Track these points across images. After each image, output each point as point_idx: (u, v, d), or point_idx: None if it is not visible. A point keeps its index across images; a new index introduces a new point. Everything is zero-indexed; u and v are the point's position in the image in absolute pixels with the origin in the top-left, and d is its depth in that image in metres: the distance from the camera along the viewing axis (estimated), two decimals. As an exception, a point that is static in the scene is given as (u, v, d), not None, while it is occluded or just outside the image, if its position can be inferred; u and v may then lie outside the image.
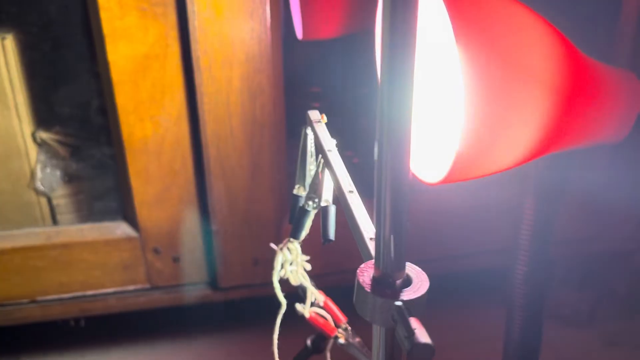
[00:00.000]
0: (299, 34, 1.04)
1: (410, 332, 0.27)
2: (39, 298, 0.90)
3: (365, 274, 0.32)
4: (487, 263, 0.99)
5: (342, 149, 0.78)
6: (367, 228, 0.36)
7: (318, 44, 1.03)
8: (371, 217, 0.40)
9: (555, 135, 0.52)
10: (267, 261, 0.93)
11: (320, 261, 0.61)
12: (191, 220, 0.89)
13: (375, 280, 0.31)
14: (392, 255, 0.30)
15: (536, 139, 0.51)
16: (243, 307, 0.97)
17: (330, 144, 0.48)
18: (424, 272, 0.32)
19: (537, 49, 0.48)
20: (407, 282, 0.31)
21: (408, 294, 0.30)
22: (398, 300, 0.29)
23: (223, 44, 0.78)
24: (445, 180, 0.50)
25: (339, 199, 0.42)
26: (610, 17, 0.88)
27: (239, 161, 0.85)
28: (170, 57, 0.79)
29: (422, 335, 0.27)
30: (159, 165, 0.85)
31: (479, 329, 1.01)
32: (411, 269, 0.32)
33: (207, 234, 0.91)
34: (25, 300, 0.90)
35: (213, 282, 0.94)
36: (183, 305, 0.94)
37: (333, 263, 0.88)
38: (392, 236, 0.30)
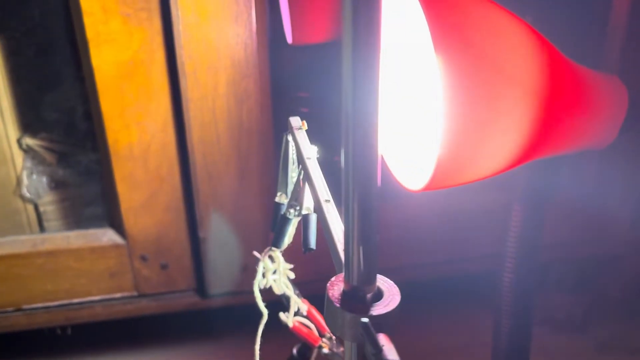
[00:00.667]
0: (289, 38, 1.03)
1: (378, 349, 0.26)
2: (25, 306, 0.89)
3: (335, 287, 0.31)
4: (474, 269, 0.98)
5: (330, 154, 0.77)
6: (341, 239, 0.35)
7: (307, 48, 1.02)
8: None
9: (540, 141, 0.51)
10: (256, 268, 0.92)
11: (306, 269, 0.60)
12: (178, 227, 0.88)
13: (344, 294, 0.30)
14: (362, 267, 0.29)
15: (520, 144, 0.51)
16: (232, 314, 0.96)
17: (309, 151, 0.48)
18: (395, 286, 0.31)
19: (519, 53, 0.47)
20: (378, 295, 0.30)
21: (378, 309, 0.29)
22: (366, 316, 0.28)
23: (208, 49, 0.77)
24: (428, 187, 0.49)
25: (316, 208, 0.42)
26: (599, 21, 0.88)
27: (225, 167, 0.84)
28: (156, 63, 0.78)
29: (390, 353, 0.26)
30: (145, 172, 0.84)
31: (467, 334, 1.00)
32: (383, 282, 0.31)
33: (194, 240, 0.90)
34: (10, 309, 0.89)
35: (201, 289, 0.93)
36: (171, 312, 0.93)
37: (318, 270, 0.87)
38: (360, 247, 0.29)
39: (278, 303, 0.61)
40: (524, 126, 0.49)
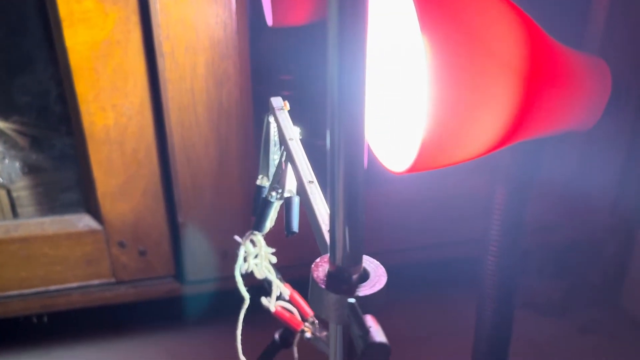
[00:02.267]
0: (269, 20, 1.01)
1: (365, 331, 0.25)
2: (-1, 294, 0.87)
3: (320, 269, 0.30)
4: (457, 253, 0.98)
5: (314, 137, 0.76)
6: (326, 220, 0.34)
7: (288, 31, 1.01)
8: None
9: (524, 122, 0.51)
10: (236, 254, 0.91)
11: (288, 253, 0.59)
12: (157, 212, 0.87)
13: (330, 275, 0.29)
14: (348, 248, 0.28)
15: (504, 125, 0.50)
16: (211, 300, 0.95)
17: (292, 132, 0.46)
18: (381, 266, 0.30)
19: (505, 33, 0.47)
20: (364, 276, 0.29)
21: (364, 290, 0.28)
22: (352, 297, 0.27)
23: (186, 29, 0.75)
24: (412, 169, 0.48)
25: (299, 189, 0.40)
26: (581, 3, 0.88)
27: (205, 150, 0.83)
28: (132, 43, 0.76)
29: (377, 334, 0.25)
30: (122, 155, 0.82)
31: (450, 319, 1.00)
32: (369, 263, 0.30)
33: (173, 226, 0.88)
34: (-17, 297, 0.87)
35: (180, 276, 0.91)
36: (149, 299, 0.92)
37: (300, 255, 0.87)
38: (346, 228, 0.28)
39: (260, 288, 0.60)
40: (508, 106, 0.48)
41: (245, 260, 0.55)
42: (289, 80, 0.98)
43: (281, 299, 0.58)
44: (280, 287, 0.57)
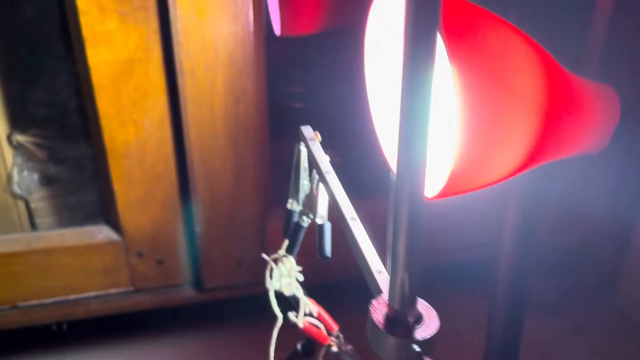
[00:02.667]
0: (277, 30, 1.03)
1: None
2: (20, 304, 0.89)
3: (378, 311, 0.33)
4: (469, 256, 1.02)
5: (323, 148, 0.78)
6: (374, 260, 0.36)
7: (298, 42, 1.03)
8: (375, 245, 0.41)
9: (542, 149, 0.54)
10: (252, 262, 0.94)
11: (306, 259, 0.62)
12: (175, 223, 0.89)
13: (388, 318, 0.32)
14: (407, 292, 0.31)
15: (524, 153, 0.53)
16: (227, 306, 0.98)
17: (327, 165, 0.49)
18: (431, 307, 0.33)
19: (525, 68, 0.49)
20: (419, 318, 0.32)
21: (421, 333, 0.31)
22: (412, 340, 0.30)
23: (206, 48, 0.77)
24: (440, 196, 0.51)
25: (341, 225, 0.43)
26: (581, 24, 0.90)
27: (222, 164, 0.85)
28: (153, 61, 0.78)
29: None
30: (141, 169, 0.84)
31: (461, 318, 1.04)
32: (420, 304, 0.33)
33: (191, 235, 0.91)
34: (5, 307, 0.89)
35: (197, 283, 0.94)
36: (167, 306, 0.94)
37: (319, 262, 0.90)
38: (407, 274, 0.30)
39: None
40: (528, 137, 0.51)
41: (274, 278, 0.58)
42: (300, 93, 1.00)
43: (309, 315, 0.60)
44: (308, 305, 0.59)
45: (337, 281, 0.88)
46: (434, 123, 0.52)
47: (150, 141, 0.82)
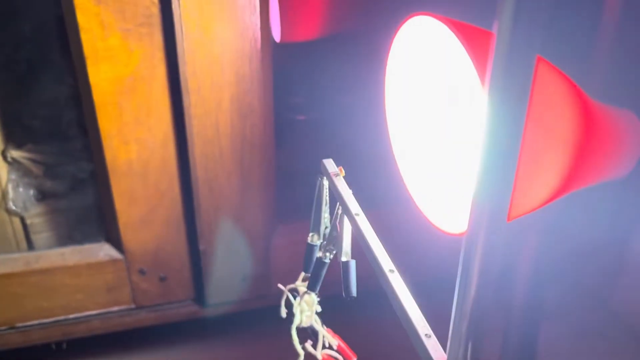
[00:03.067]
0: (276, 36, 1.00)
1: None
2: (19, 324, 0.87)
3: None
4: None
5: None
6: (420, 322, 0.35)
7: (299, 51, 1.01)
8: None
9: (571, 181, 0.53)
10: (256, 277, 0.92)
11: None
12: (178, 240, 0.87)
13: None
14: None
15: (555, 186, 0.53)
16: (230, 321, 0.97)
17: (355, 205, 0.48)
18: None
19: (559, 107, 0.49)
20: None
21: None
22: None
23: (212, 66, 0.75)
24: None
25: (378, 275, 0.42)
26: (589, 29, 0.90)
27: (227, 181, 0.83)
28: (156, 79, 0.75)
29: None
30: (144, 187, 0.82)
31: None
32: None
33: (194, 252, 0.89)
34: (4, 327, 0.86)
35: (200, 299, 0.92)
36: (170, 322, 0.93)
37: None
38: (469, 343, 0.29)
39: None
40: (559, 173, 0.51)
41: (295, 314, 0.56)
42: (301, 103, 0.99)
43: (328, 348, 0.59)
44: (327, 337, 0.58)
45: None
46: (462, 156, 0.51)
47: (153, 159, 0.80)
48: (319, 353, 0.60)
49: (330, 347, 0.61)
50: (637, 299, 1.07)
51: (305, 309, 0.55)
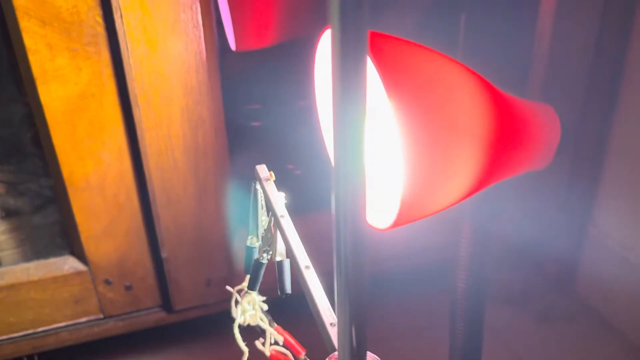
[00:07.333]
0: (232, 45, 1.03)
1: None
2: (-11, 340, 0.89)
3: (333, 369, 0.34)
4: (429, 259, 1.05)
5: (283, 162, 0.80)
6: (327, 312, 0.38)
7: (253, 58, 1.03)
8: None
9: (489, 173, 0.57)
10: (220, 281, 0.95)
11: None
12: (141, 249, 0.90)
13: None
14: (355, 347, 0.33)
15: (472, 180, 0.55)
16: (197, 325, 0.99)
17: (282, 208, 0.51)
18: (378, 358, 0.35)
19: (467, 103, 0.52)
20: (370, 373, 0.34)
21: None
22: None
23: (160, 79, 0.77)
24: (393, 226, 0.53)
25: (296, 272, 0.45)
26: (525, 47, 0.93)
27: (184, 189, 0.86)
28: (107, 95, 0.78)
29: None
30: (103, 200, 0.84)
31: (424, 317, 1.07)
32: (370, 358, 0.35)
33: (157, 260, 0.91)
34: (-27, 344, 0.89)
35: (167, 305, 0.95)
36: (138, 330, 0.95)
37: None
38: (353, 327, 0.32)
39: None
40: (473, 166, 0.54)
41: (241, 315, 0.59)
42: (257, 110, 1.01)
43: (275, 344, 0.62)
44: (274, 334, 0.61)
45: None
46: (380, 157, 0.54)
47: (110, 172, 0.82)
48: (267, 350, 0.63)
49: (279, 344, 0.64)
50: (600, 283, 1.11)
51: (248, 309, 0.58)
